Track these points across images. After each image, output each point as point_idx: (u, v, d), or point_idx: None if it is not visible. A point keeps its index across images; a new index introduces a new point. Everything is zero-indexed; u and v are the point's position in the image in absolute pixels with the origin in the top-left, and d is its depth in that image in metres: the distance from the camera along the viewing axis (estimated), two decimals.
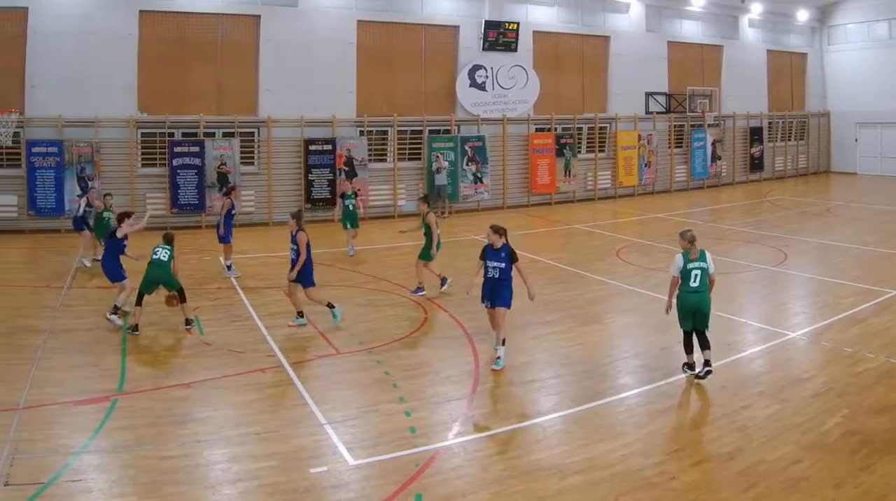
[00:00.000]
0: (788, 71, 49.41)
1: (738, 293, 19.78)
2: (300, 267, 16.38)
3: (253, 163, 31.70)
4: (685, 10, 43.17)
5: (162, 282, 16.64)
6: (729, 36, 45.56)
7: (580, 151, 39.09)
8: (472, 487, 9.74)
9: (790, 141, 49.20)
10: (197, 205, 29.78)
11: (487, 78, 36.11)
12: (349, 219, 24.84)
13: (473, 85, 35.88)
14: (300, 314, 16.78)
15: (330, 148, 32.16)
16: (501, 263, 14.14)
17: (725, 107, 44.42)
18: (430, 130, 35.03)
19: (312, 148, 31.92)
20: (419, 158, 34.86)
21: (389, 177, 33.96)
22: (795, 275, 21.97)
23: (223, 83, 31.37)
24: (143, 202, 28.41)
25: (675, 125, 42.43)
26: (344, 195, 25.31)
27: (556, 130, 37.99)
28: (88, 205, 22.96)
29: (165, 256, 16.56)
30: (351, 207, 24.79)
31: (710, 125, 43.43)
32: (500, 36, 36.07)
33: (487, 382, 13.45)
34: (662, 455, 10.53)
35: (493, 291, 14.26)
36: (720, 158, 44.28)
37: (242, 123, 31.27)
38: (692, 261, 13.30)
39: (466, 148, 35.00)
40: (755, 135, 46.28)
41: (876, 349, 14.94)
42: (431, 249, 19.67)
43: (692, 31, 43.97)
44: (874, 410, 11.93)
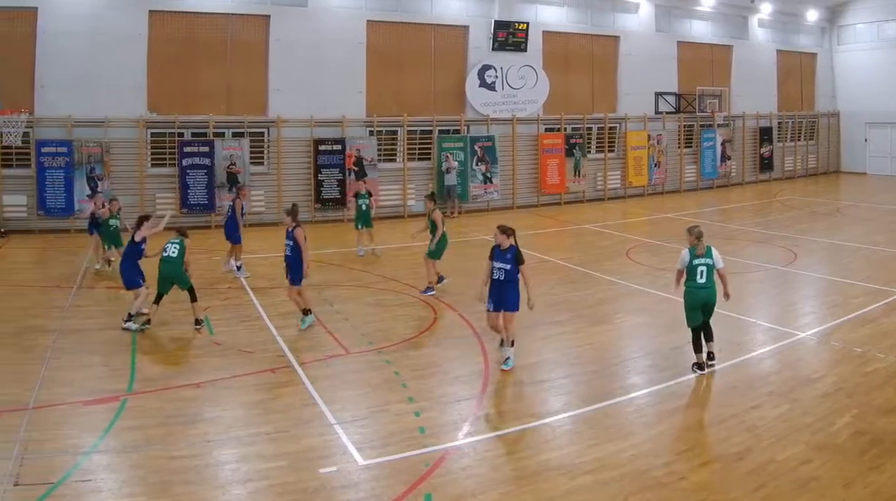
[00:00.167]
0: (798, 71, 49.30)
1: (747, 293, 19.73)
2: (307, 263, 16.35)
3: (262, 163, 31.72)
4: (695, 10, 43.11)
5: (173, 280, 16.67)
6: (738, 36, 45.50)
7: (590, 151, 39.08)
8: (481, 487, 9.75)
9: (800, 141, 49.07)
10: (206, 205, 29.78)
11: (497, 78, 36.10)
12: (362, 220, 24.57)
13: (483, 85, 35.88)
14: (307, 312, 16.74)
15: (339, 148, 32.16)
16: (507, 265, 13.86)
17: (735, 107, 44.32)
18: (439, 130, 35.03)
19: (322, 148, 31.92)
20: (429, 158, 34.87)
21: (399, 178, 33.98)
22: (805, 275, 21.95)
23: (233, 83, 31.41)
24: (152, 202, 28.45)
25: (684, 125, 42.35)
26: (357, 195, 25.07)
27: (565, 130, 37.98)
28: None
29: (175, 252, 16.52)
30: (364, 207, 24.50)
31: (719, 125, 43.33)
32: (509, 36, 36.08)
33: (497, 382, 13.46)
34: (672, 455, 10.53)
35: (498, 294, 13.97)
36: (730, 158, 44.20)
37: (252, 123, 31.29)
38: (698, 257, 13.60)
39: (476, 148, 34.99)
40: (765, 135, 46.16)
41: (886, 349, 14.91)
42: (440, 246, 19.70)
43: (702, 30, 43.92)
44: (884, 410, 11.91)
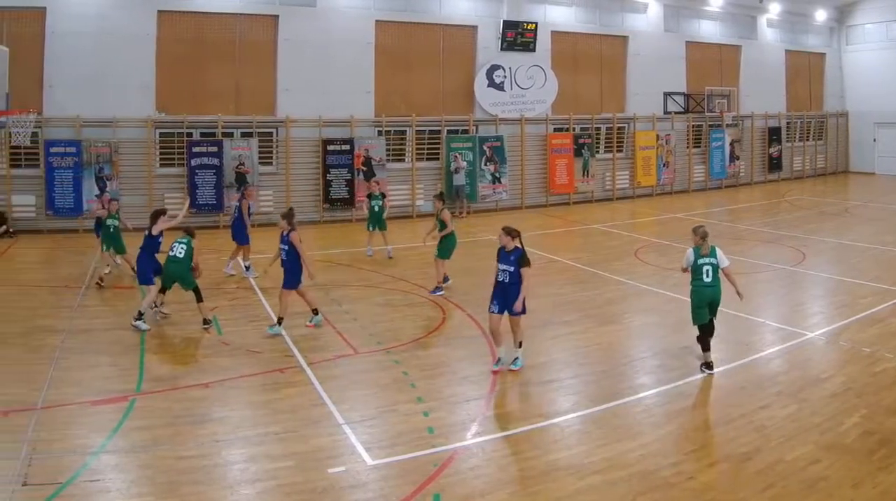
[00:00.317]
0: (807, 71, 49.22)
1: (756, 293, 19.71)
2: (307, 264, 16.34)
3: (271, 163, 31.75)
4: (703, 10, 43.07)
5: (177, 280, 16.75)
6: (747, 36, 45.43)
7: (598, 151, 39.08)
8: (490, 487, 9.77)
9: (808, 141, 49.00)
10: (215, 205, 29.80)
11: (505, 78, 36.11)
12: (375, 221, 24.28)
13: (491, 85, 35.89)
14: (315, 312, 16.80)
15: (348, 148, 32.18)
16: (511, 267, 13.58)
17: (743, 107, 44.32)
18: (448, 130, 35.02)
19: (330, 148, 31.95)
20: (437, 158, 34.87)
21: (408, 178, 33.98)
22: (814, 275, 21.93)
23: (241, 83, 31.46)
24: (161, 202, 28.32)
25: (693, 125, 42.31)
26: (370, 196, 24.79)
27: (574, 130, 37.97)
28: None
29: (182, 253, 16.57)
30: (377, 208, 24.22)
31: (728, 125, 43.24)
32: (518, 36, 36.08)
33: (505, 382, 13.47)
34: (680, 455, 10.54)
35: (503, 296, 13.73)
36: (738, 158, 44.16)
37: (261, 123, 31.32)
38: (703, 257, 13.80)
39: (485, 148, 35.01)
40: (773, 135, 46.10)
41: (894, 349, 14.91)
42: (449, 245, 19.73)
43: (710, 31, 43.86)
44: (893, 410, 11.92)
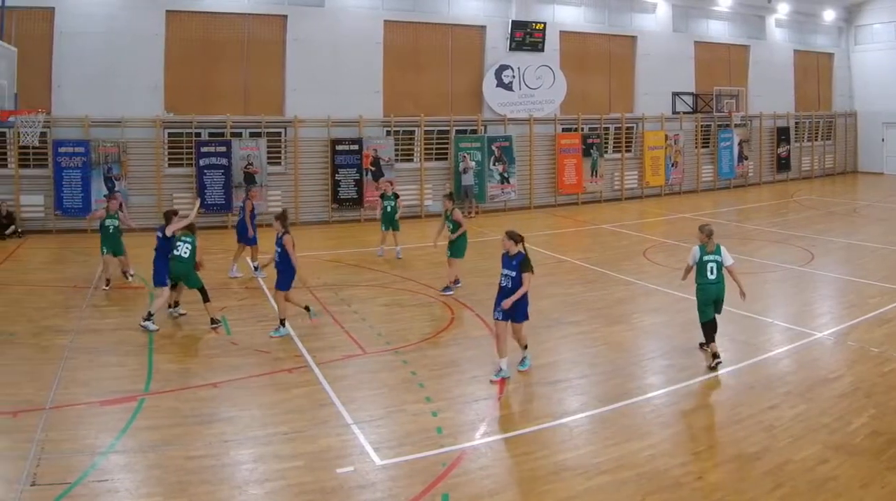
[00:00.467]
0: (815, 71, 49.15)
1: (764, 293, 19.72)
2: (298, 267, 16.15)
3: (280, 163, 31.81)
4: (712, 10, 43.03)
5: (182, 279, 16.81)
6: (756, 36, 45.37)
7: (607, 151, 39.07)
8: (498, 487, 9.78)
9: (817, 141, 48.97)
10: (224, 205, 29.83)
11: (514, 78, 36.12)
12: (387, 221, 24.25)
13: (500, 85, 35.89)
14: (307, 308, 16.72)
15: (357, 148, 32.24)
16: (513, 272, 13.27)
17: (752, 107, 44.26)
18: (456, 130, 35.05)
19: (339, 148, 32.01)
20: (446, 158, 34.92)
21: (416, 177, 34.05)
22: (822, 275, 21.89)
23: (250, 83, 31.52)
24: (170, 202, 28.36)
25: (701, 125, 42.31)
26: (383, 196, 24.80)
27: (582, 130, 37.98)
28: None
29: (187, 252, 16.64)
30: (389, 209, 24.23)
31: (736, 125, 43.21)
32: (526, 36, 36.08)
33: (514, 382, 13.45)
34: (689, 455, 10.55)
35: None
36: (747, 158, 44.12)
37: (269, 123, 31.40)
38: (708, 254, 14.13)
39: (493, 148, 35.02)
40: (782, 135, 46.08)
41: None
42: (463, 244, 19.76)
43: (719, 31, 43.81)
44: None
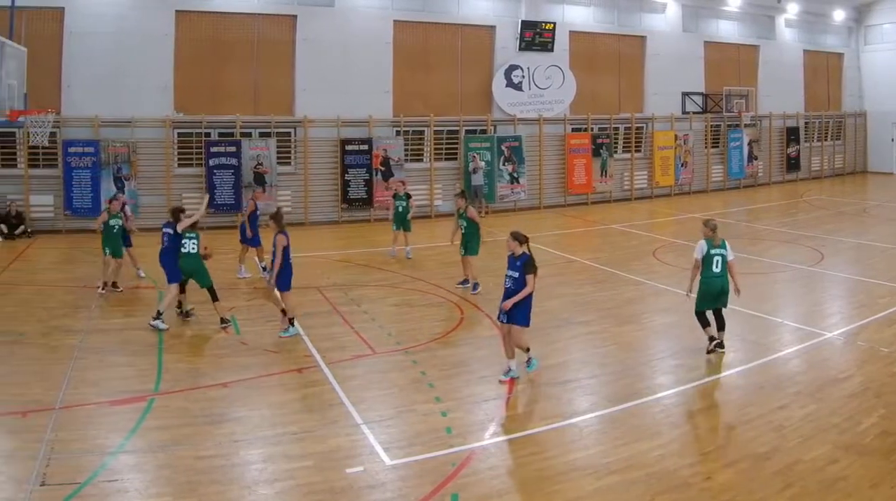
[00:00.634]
0: (825, 71, 49.10)
1: (774, 293, 19.75)
2: (272, 265, 16.05)
3: (289, 163, 31.88)
4: (721, 10, 42.99)
5: (193, 275, 16.84)
6: (765, 36, 45.32)
7: (617, 151, 39.07)
8: (508, 487, 9.79)
9: (826, 141, 48.94)
10: (233, 205, 29.84)
11: (524, 78, 36.13)
12: (399, 221, 24.21)
13: (510, 85, 35.91)
14: (284, 313, 16.48)
15: (366, 148, 32.27)
16: (516, 273, 13.11)
17: (762, 107, 44.17)
18: (466, 130, 35.08)
19: (349, 148, 32.04)
20: (455, 158, 34.95)
21: (426, 178, 34.07)
22: (832, 275, 21.85)
23: (259, 83, 31.57)
24: (179, 202, 28.38)
25: (711, 125, 42.27)
26: (396, 196, 24.79)
27: (592, 130, 37.98)
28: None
29: (194, 248, 16.69)
30: (401, 209, 24.20)
31: (746, 125, 43.16)
32: (536, 36, 36.08)
33: (523, 382, 13.44)
34: (698, 455, 10.55)
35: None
36: (757, 158, 44.09)
37: (279, 123, 31.45)
38: (715, 248, 14.38)
39: (503, 148, 35.02)
40: (791, 135, 46.03)
41: None
42: (478, 242, 19.76)
43: (728, 30, 43.79)
44: None
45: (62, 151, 28.04)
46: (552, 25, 36.36)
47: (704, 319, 14.65)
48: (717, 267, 14.34)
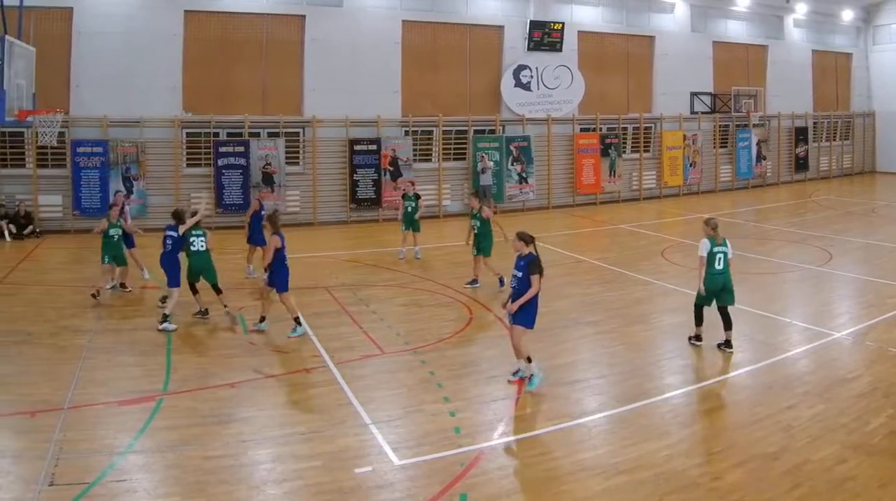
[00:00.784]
0: (833, 71, 49.01)
1: (782, 293, 19.74)
2: (267, 266, 16.05)
3: (298, 163, 31.90)
4: (730, 10, 42.94)
5: (202, 272, 17.06)
6: (774, 36, 45.26)
7: (625, 151, 39.06)
8: (516, 487, 9.81)
9: (835, 141, 48.86)
10: (242, 205, 29.70)
11: (532, 78, 36.12)
12: (408, 222, 24.14)
13: (518, 85, 35.91)
14: (262, 319, 16.52)
15: (375, 148, 32.30)
16: (520, 273, 12.92)
17: (770, 107, 44.09)
18: (475, 130, 35.09)
19: (357, 148, 32.07)
20: (464, 158, 34.94)
21: (434, 178, 34.07)
22: (840, 275, 21.82)
23: (268, 83, 31.60)
24: (188, 202, 28.48)
25: (720, 125, 42.22)
26: (405, 196, 24.71)
27: (601, 130, 37.95)
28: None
29: (203, 245, 16.91)
30: (409, 209, 24.13)
31: (755, 125, 43.16)
32: (544, 36, 36.08)
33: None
34: (707, 456, 10.56)
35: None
36: (765, 158, 44.01)
37: (287, 123, 31.48)
38: (718, 246, 14.74)
39: (511, 148, 35.01)
40: (800, 135, 45.95)
41: None
42: (490, 242, 19.78)
43: (737, 30, 43.74)
44: None
45: (71, 151, 28.11)
46: (561, 25, 36.34)
47: (700, 315, 15.15)
48: (719, 264, 14.72)
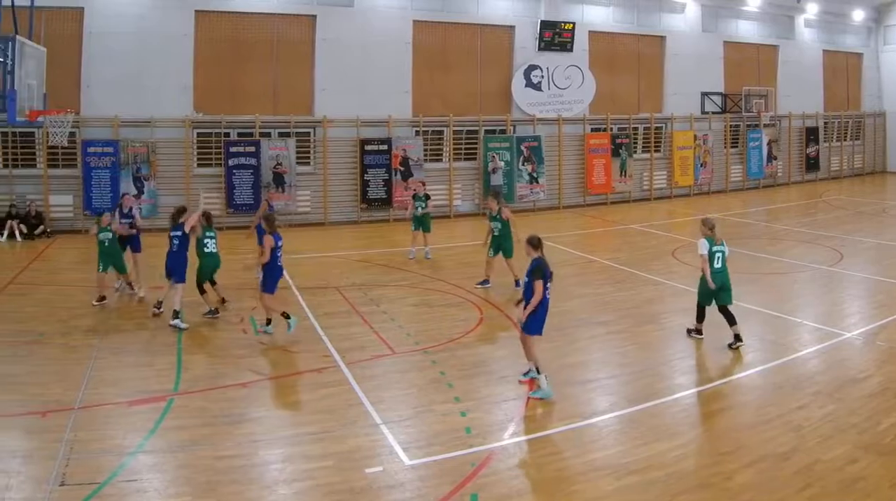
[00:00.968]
0: (844, 71, 48.89)
1: (793, 293, 19.71)
2: (260, 265, 16.13)
3: (309, 163, 31.92)
4: (741, 10, 42.86)
5: (214, 271, 17.48)
6: (785, 36, 45.17)
7: (636, 151, 39.03)
8: (527, 487, 9.82)
9: (846, 141, 48.76)
10: (252, 206, 29.73)
11: (543, 78, 36.11)
12: (418, 222, 24.14)
13: (529, 85, 35.90)
14: (268, 321, 16.38)
15: (386, 148, 32.32)
16: (526, 278, 12.77)
17: (781, 107, 43.99)
18: (485, 130, 35.06)
19: (368, 148, 32.09)
20: (475, 158, 34.90)
21: (445, 178, 34.06)
22: (851, 275, 21.77)
23: (279, 83, 31.64)
24: (197, 203, 28.45)
25: (730, 125, 42.15)
26: (415, 197, 24.69)
27: (611, 130, 37.94)
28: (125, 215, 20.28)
29: (215, 247, 17.24)
30: (420, 210, 24.14)
31: (765, 125, 43.04)
32: (555, 36, 36.05)
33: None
34: (718, 456, 10.52)
35: (522, 311, 12.88)
36: (776, 158, 43.93)
37: (298, 123, 31.52)
38: (717, 245, 15.11)
39: (522, 148, 35.00)
40: (811, 135, 45.85)
41: None
42: (511, 242, 19.78)
43: (748, 30, 43.67)
44: None
45: (81, 151, 28.20)
46: (571, 25, 36.32)
47: (702, 313, 15.59)
48: (717, 263, 15.10)
